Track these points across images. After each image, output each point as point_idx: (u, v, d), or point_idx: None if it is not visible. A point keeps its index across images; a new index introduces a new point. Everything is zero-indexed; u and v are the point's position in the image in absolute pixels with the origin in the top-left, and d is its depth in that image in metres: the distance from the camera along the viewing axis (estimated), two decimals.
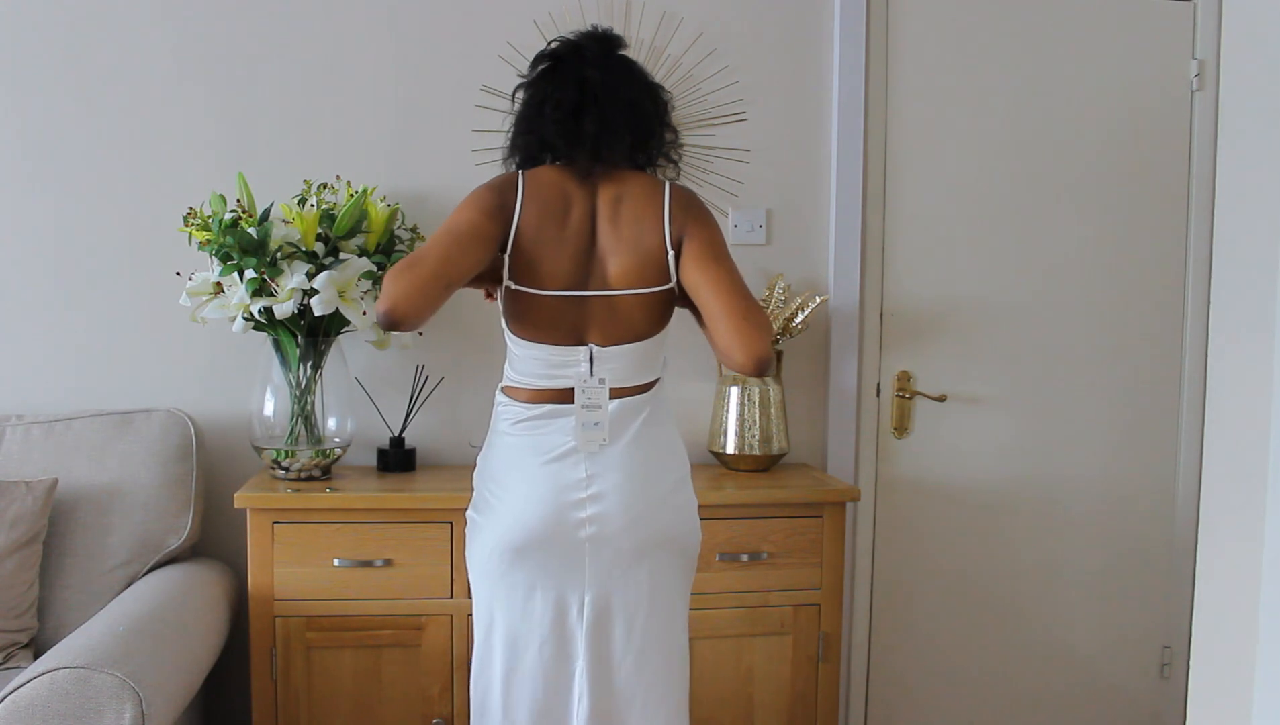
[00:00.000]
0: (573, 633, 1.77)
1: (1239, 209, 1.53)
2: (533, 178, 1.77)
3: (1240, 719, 1.41)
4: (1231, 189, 1.55)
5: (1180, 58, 2.82)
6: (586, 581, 1.76)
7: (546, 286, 1.73)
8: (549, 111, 1.77)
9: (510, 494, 1.77)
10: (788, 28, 2.69)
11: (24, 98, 2.49)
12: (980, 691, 2.85)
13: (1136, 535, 2.88)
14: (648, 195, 1.77)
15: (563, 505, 1.74)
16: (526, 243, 1.73)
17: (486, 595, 1.81)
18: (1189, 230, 2.85)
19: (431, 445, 2.61)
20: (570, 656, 1.77)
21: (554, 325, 1.75)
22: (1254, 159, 1.47)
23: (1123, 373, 2.86)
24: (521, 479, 1.77)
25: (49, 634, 2.16)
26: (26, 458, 2.30)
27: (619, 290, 1.75)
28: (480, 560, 1.81)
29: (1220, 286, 1.59)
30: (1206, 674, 1.54)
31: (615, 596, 1.77)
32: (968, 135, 2.76)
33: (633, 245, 1.75)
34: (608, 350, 1.76)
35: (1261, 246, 1.44)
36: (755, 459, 2.55)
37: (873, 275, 2.74)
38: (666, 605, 1.81)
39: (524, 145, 1.82)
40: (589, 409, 1.74)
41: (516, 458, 1.78)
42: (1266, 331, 1.41)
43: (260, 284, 2.26)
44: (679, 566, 1.82)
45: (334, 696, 2.22)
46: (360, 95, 2.57)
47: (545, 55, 1.83)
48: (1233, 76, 1.55)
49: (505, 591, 1.78)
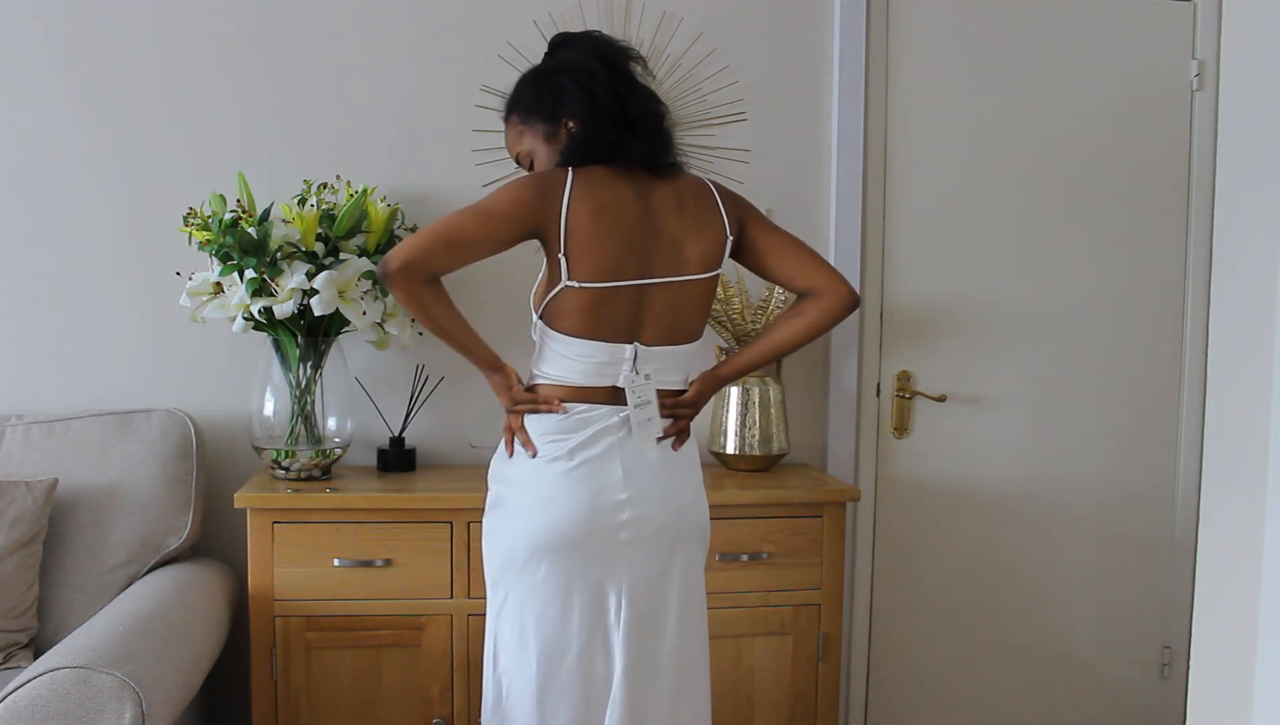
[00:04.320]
0: (610, 635, 1.77)
1: (1239, 209, 1.53)
2: (584, 176, 1.78)
3: (1240, 719, 1.41)
4: (1231, 189, 1.55)
5: (1180, 58, 2.82)
6: (624, 583, 1.76)
7: (608, 278, 1.75)
8: (602, 117, 1.80)
9: (545, 495, 1.76)
10: (788, 28, 2.69)
11: (24, 98, 2.49)
12: (980, 691, 2.85)
13: (1136, 535, 2.88)
14: (701, 189, 1.89)
15: (602, 508, 1.75)
16: (582, 238, 1.74)
17: (516, 604, 1.78)
18: (1189, 230, 2.85)
19: (431, 445, 2.61)
20: (609, 659, 1.77)
21: (609, 320, 1.77)
22: (1254, 159, 1.47)
23: (1123, 373, 2.86)
24: (557, 479, 1.76)
25: (49, 634, 2.16)
26: (26, 458, 2.30)
27: (694, 274, 1.82)
28: (510, 564, 1.78)
29: (1220, 287, 1.59)
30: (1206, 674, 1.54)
31: (653, 594, 1.78)
32: (968, 135, 2.76)
33: (702, 231, 1.84)
34: (653, 350, 1.80)
35: (1261, 246, 1.44)
36: (755, 459, 2.55)
37: (873, 275, 2.74)
38: (697, 597, 1.86)
39: (581, 149, 1.81)
40: (642, 407, 1.78)
41: (549, 457, 1.77)
42: (1266, 331, 1.41)
43: (260, 284, 2.26)
44: (701, 558, 1.89)
45: (334, 696, 2.22)
46: (360, 95, 2.57)
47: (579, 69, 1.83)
48: (1233, 76, 1.55)
49: (541, 599, 1.75)
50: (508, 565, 1.79)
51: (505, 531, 1.81)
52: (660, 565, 1.80)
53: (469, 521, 2.21)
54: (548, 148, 1.85)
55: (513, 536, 1.78)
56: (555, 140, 1.84)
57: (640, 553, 1.77)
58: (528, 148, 1.87)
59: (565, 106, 1.82)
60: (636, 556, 1.77)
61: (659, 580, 1.80)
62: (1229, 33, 1.56)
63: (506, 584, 1.80)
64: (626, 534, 1.76)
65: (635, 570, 1.77)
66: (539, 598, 1.76)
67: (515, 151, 1.91)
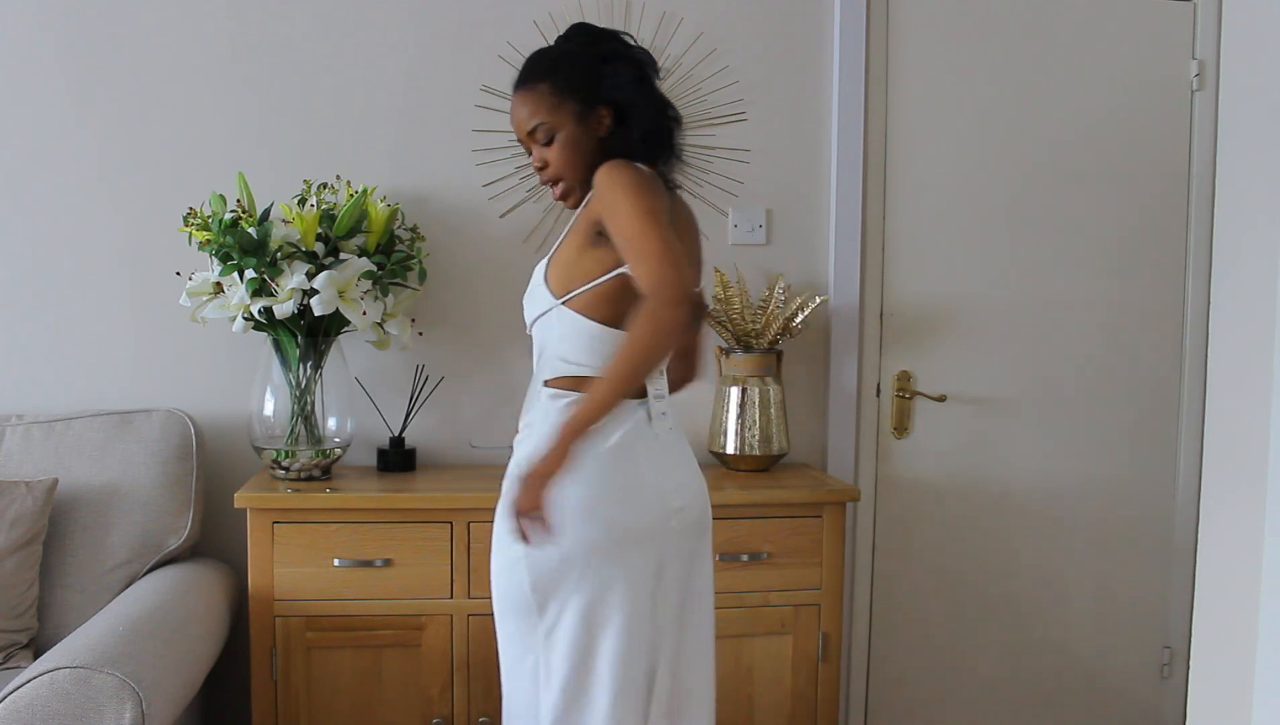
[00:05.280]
0: (664, 630, 1.74)
1: (1239, 209, 1.53)
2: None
3: (1240, 719, 1.41)
4: (1231, 189, 1.55)
5: (1180, 58, 2.82)
6: (671, 576, 1.74)
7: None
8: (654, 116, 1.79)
9: (629, 486, 1.71)
10: (788, 28, 2.69)
11: (24, 98, 2.49)
12: (980, 691, 2.85)
13: (1136, 535, 2.88)
14: (694, 219, 1.91)
15: (660, 495, 1.73)
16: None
17: (581, 613, 1.68)
18: (1189, 230, 2.85)
19: (431, 445, 2.61)
20: (661, 654, 1.74)
21: None
22: (1254, 159, 1.47)
23: (1123, 373, 2.86)
24: (626, 466, 1.71)
25: (49, 634, 2.16)
26: (26, 458, 2.30)
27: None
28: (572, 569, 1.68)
29: (1220, 286, 1.60)
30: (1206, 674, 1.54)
31: (685, 585, 1.77)
32: (968, 135, 2.76)
33: (692, 257, 1.85)
34: None
35: (1261, 246, 1.44)
36: (755, 459, 2.55)
37: (873, 275, 2.74)
38: (710, 587, 1.86)
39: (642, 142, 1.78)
40: (658, 399, 1.77)
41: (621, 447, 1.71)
42: (1266, 331, 1.41)
43: (260, 284, 2.26)
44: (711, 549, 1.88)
45: (334, 696, 2.22)
46: (360, 95, 2.57)
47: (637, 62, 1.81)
48: (1233, 76, 1.55)
49: (617, 603, 1.68)
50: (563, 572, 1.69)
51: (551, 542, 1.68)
52: (688, 555, 1.78)
53: (469, 521, 2.22)
54: (578, 128, 1.76)
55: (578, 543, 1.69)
56: (586, 122, 1.76)
57: (685, 544, 1.76)
58: (550, 121, 1.76)
59: (611, 92, 1.76)
60: (681, 547, 1.75)
61: (690, 570, 1.78)
62: (1229, 33, 1.56)
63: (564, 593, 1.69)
64: (674, 524, 1.74)
65: (681, 562, 1.75)
66: (615, 603, 1.69)
67: (532, 122, 1.77)
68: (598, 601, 1.69)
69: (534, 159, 1.81)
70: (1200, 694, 1.55)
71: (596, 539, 1.69)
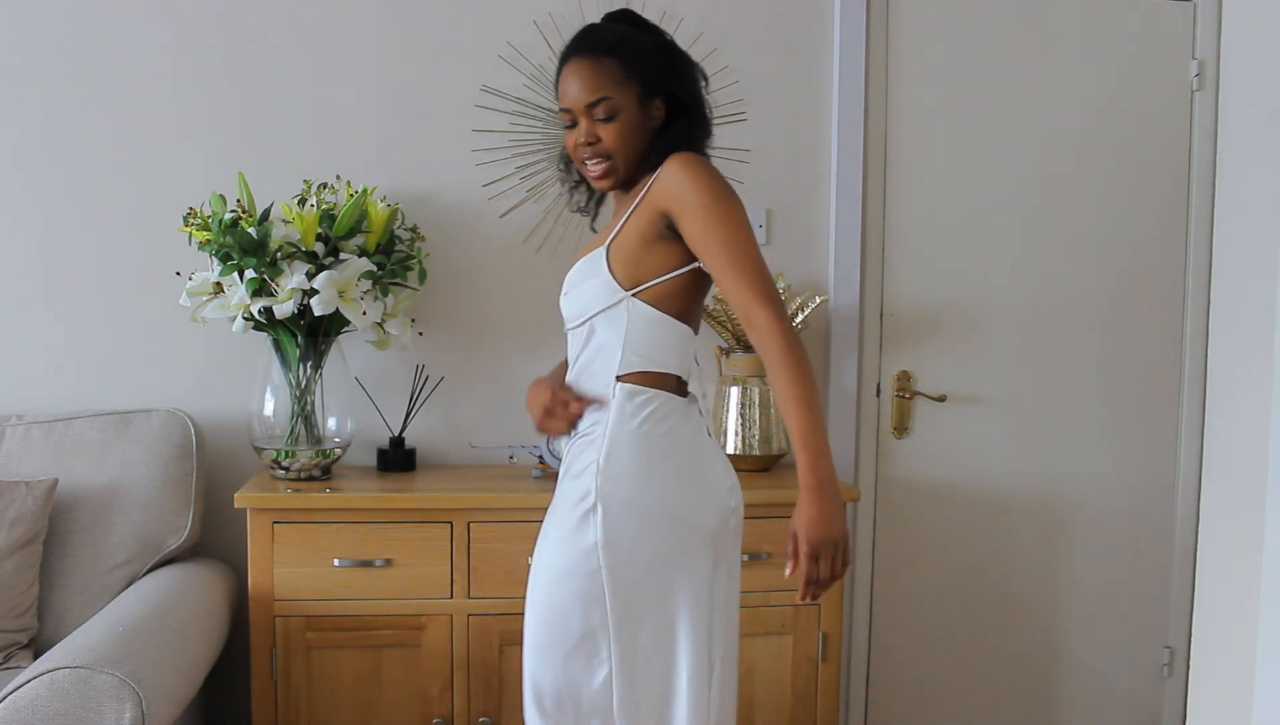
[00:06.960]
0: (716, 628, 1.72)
1: (1239, 209, 1.53)
2: None
3: (1240, 719, 1.41)
4: (1231, 189, 1.55)
5: (1180, 58, 2.82)
6: (723, 573, 1.71)
7: None
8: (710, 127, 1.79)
9: (700, 487, 1.69)
10: (788, 28, 2.69)
11: (24, 97, 2.49)
12: (980, 692, 2.85)
13: (1137, 535, 2.88)
14: None
15: (721, 495, 1.71)
16: None
17: (692, 618, 1.65)
18: (1189, 230, 2.85)
19: (431, 445, 2.61)
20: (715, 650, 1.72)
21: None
22: (1254, 159, 1.47)
23: (1123, 373, 2.86)
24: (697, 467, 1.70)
25: (49, 634, 2.16)
26: (26, 458, 2.30)
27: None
28: (652, 576, 1.65)
29: (1220, 286, 1.60)
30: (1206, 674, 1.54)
31: (730, 587, 1.75)
32: (968, 135, 2.76)
33: None
34: None
35: (1261, 246, 1.44)
36: (755, 459, 2.55)
37: (873, 275, 2.74)
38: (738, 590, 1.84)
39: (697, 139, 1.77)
40: (703, 398, 1.78)
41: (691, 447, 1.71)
42: (1266, 331, 1.41)
43: (260, 284, 2.26)
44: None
45: (334, 696, 2.22)
46: (360, 95, 2.57)
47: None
48: (1233, 76, 1.55)
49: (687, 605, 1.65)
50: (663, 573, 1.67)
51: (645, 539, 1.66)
52: (735, 556, 1.76)
53: (469, 521, 2.22)
54: (639, 111, 1.70)
55: (667, 544, 1.67)
56: (643, 107, 1.70)
57: (735, 543, 1.74)
58: (617, 98, 1.67)
59: (676, 86, 1.72)
60: (734, 546, 1.74)
61: (732, 571, 1.75)
62: (1229, 33, 1.56)
63: (672, 600, 1.66)
64: (733, 522, 1.72)
65: (727, 561, 1.72)
66: (718, 603, 1.69)
67: (597, 95, 1.67)
68: (675, 605, 1.66)
69: (583, 132, 1.70)
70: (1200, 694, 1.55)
71: (676, 542, 1.66)
